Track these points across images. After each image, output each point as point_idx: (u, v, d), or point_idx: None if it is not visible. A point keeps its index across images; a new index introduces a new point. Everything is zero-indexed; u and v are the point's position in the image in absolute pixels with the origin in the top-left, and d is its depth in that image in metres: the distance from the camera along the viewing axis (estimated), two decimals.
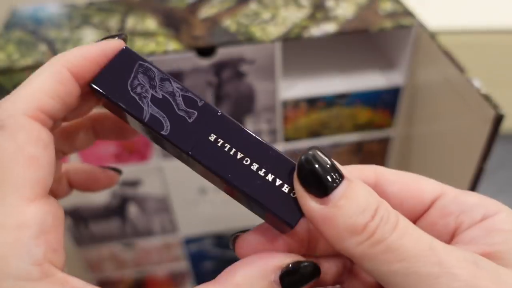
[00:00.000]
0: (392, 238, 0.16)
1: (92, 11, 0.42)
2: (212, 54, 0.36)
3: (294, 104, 0.41)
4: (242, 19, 0.39)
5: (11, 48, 0.37)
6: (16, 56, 0.36)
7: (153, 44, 0.36)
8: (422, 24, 0.37)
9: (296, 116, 0.42)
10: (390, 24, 0.37)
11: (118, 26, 0.39)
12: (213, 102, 0.40)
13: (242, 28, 0.38)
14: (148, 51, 0.35)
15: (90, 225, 0.47)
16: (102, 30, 0.39)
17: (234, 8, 0.41)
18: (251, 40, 0.36)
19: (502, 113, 0.27)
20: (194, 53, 0.36)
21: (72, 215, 0.45)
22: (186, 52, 0.36)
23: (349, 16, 0.39)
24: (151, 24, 0.39)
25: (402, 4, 0.40)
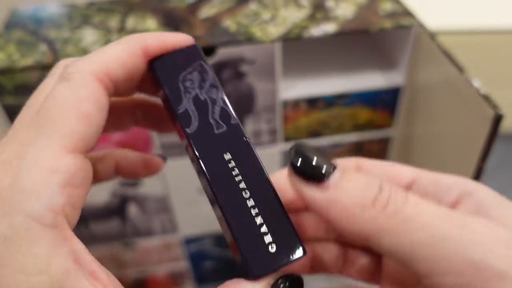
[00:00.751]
0: (408, 208, 0.15)
1: (92, 11, 0.42)
2: (212, 54, 0.37)
3: (294, 104, 0.41)
4: (242, 19, 0.39)
5: (12, 48, 0.37)
6: (16, 56, 0.36)
7: None
8: (422, 24, 0.37)
9: (296, 116, 0.42)
10: (390, 24, 0.37)
11: (118, 26, 0.39)
12: None
13: (242, 28, 0.38)
14: None
15: (90, 225, 0.47)
16: (102, 30, 0.39)
17: (234, 8, 0.41)
18: (251, 40, 0.36)
19: (501, 113, 0.28)
20: None
21: None
22: None
23: (349, 16, 0.39)
24: (152, 24, 0.40)
25: (402, 4, 0.41)
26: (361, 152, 0.46)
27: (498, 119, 0.28)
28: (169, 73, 0.19)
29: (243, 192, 0.17)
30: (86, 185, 0.17)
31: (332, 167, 0.16)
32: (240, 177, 0.17)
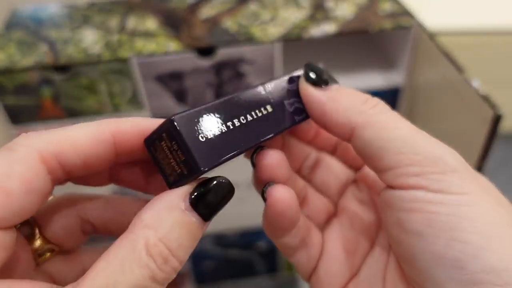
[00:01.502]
0: (393, 112, 0.19)
1: (92, 12, 0.42)
2: (212, 55, 0.37)
3: None
4: (242, 20, 0.39)
5: (12, 48, 0.37)
6: (17, 56, 0.36)
7: (153, 44, 0.36)
8: (421, 24, 0.37)
9: None
10: (389, 24, 0.38)
11: (118, 27, 0.39)
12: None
13: (242, 28, 0.38)
14: (148, 52, 0.36)
15: None
16: (102, 31, 0.39)
17: (234, 8, 0.42)
18: (251, 40, 0.36)
19: (501, 113, 0.28)
20: (194, 53, 0.36)
21: None
22: (186, 52, 0.36)
23: (348, 16, 0.39)
24: (152, 24, 0.40)
25: (402, 4, 0.41)
26: None
27: (497, 119, 0.28)
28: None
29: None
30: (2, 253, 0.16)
31: (334, 81, 0.21)
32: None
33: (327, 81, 0.20)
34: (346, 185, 0.24)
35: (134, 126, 0.18)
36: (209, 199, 0.16)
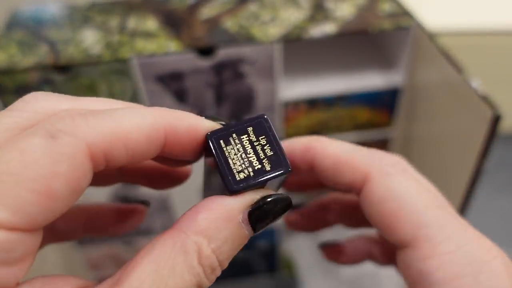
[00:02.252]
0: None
1: (93, 12, 0.42)
2: (212, 55, 0.37)
3: (294, 104, 0.41)
4: (242, 20, 0.40)
5: (13, 48, 0.37)
6: (17, 56, 0.36)
7: (154, 44, 0.37)
8: (421, 25, 0.37)
9: (296, 116, 0.42)
10: (389, 25, 0.38)
11: (119, 27, 0.40)
12: (213, 102, 0.40)
13: (242, 29, 0.38)
14: (149, 52, 0.36)
15: None
16: (103, 31, 0.39)
17: (234, 9, 0.42)
18: (251, 40, 0.36)
19: (500, 113, 0.28)
20: (194, 53, 0.36)
21: None
22: (186, 52, 0.36)
23: (348, 17, 0.39)
24: (152, 25, 0.40)
25: (401, 5, 0.41)
26: None
27: (496, 119, 0.28)
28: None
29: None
30: (24, 260, 0.13)
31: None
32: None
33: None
34: None
35: (191, 126, 0.16)
36: (266, 214, 0.16)
